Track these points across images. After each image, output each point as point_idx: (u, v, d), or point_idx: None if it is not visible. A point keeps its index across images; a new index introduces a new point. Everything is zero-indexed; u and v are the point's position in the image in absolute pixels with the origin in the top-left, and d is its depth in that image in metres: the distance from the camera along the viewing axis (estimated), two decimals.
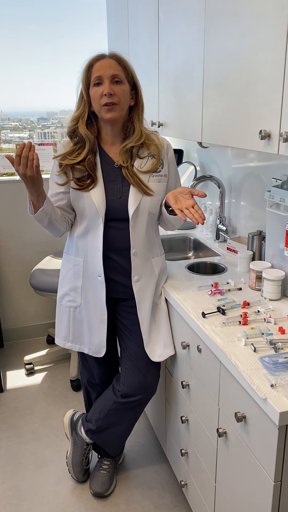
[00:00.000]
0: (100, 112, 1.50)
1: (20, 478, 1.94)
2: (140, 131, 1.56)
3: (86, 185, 1.54)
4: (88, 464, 1.93)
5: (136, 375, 1.65)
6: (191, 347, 1.51)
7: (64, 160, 1.54)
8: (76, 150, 1.55)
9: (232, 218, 2.18)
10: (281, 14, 1.14)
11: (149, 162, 1.57)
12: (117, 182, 1.57)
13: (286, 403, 1.01)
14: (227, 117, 1.50)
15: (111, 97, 1.46)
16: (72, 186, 1.56)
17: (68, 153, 1.55)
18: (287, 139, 1.14)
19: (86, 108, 1.52)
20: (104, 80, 1.47)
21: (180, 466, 1.77)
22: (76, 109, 1.56)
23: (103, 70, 1.47)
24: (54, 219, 1.55)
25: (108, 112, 1.48)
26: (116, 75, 1.48)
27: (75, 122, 1.55)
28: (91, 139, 1.54)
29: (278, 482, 1.07)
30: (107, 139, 1.58)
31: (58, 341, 1.79)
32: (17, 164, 1.37)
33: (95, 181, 1.54)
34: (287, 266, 1.56)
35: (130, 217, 1.54)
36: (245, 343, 1.27)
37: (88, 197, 1.54)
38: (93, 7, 2.94)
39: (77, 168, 1.54)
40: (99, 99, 1.47)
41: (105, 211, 1.55)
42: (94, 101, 1.49)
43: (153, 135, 1.60)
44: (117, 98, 1.47)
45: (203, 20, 1.59)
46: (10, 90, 3.01)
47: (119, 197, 1.56)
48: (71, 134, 1.57)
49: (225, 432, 1.30)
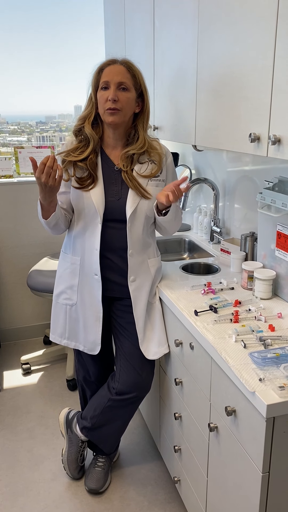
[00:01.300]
0: (103, 115, 1.55)
1: (16, 475, 1.97)
2: (144, 139, 1.60)
3: (86, 184, 1.58)
4: (83, 461, 1.96)
5: (131, 372, 1.68)
6: (184, 345, 1.55)
7: (68, 157, 1.59)
8: (80, 148, 1.60)
9: (226, 220, 2.22)
10: (270, 22, 1.18)
11: (149, 168, 1.62)
12: (117, 184, 1.61)
13: (273, 396, 1.05)
14: (219, 120, 1.55)
15: (115, 103, 1.51)
16: (73, 184, 1.60)
17: (71, 150, 1.60)
18: (275, 142, 1.18)
19: (93, 109, 1.58)
20: (110, 85, 1.52)
21: (173, 462, 1.80)
22: (84, 109, 1.62)
23: (111, 76, 1.52)
24: (60, 221, 1.61)
25: (110, 116, 1.53)
26: (123, 83, 1.52)
27: (81, 122, 1.60)
28: (96, 139, 1.59)
29: (266, 473, 1.11)
30: (109, 142, 1.63)
31: (54, 338, 1.82)
32: (40, 172, 1.40)
33: (96, 181, 1.59)
34: (278, 266, 1.60)
35: (128, 218, 1.58)
36: (236, 339, 1.31)
37: (88, 196, 1.58)
38: (91, 12, 2.99)
39: (79, 166, 1.59)
40: (103, 103, 1.53)
41: (103, 211, 1.59)
42: (99, 104, 1.55)
43: (155, 142, 1.66)
44: (120, 104, 1.52)
45: (197, 27, 1.63)
46: (9, 94, 3.05)
47: (118, 199, 1.60)
48: (76, 132, 1.62)
49: (216, 427, 1.33)
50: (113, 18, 2.68)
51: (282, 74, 1.17)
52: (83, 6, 3.01)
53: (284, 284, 1.57)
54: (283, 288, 1.58)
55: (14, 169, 2.97)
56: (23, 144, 3.20)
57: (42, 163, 1.39)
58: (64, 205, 1.66)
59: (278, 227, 1.55)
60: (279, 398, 1.04)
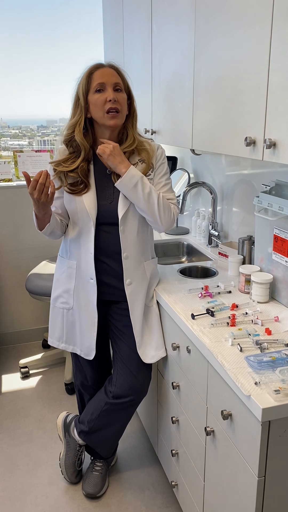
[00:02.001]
0: (103, 118, 1.53)
1: (13, 479, 1.96)
2: (133, 137, 1.61)
3: (79, 189, 1.59)
4: (81, 466, 1.95)
5: (127, 376, 1.68)
6: (181, 348, 1.55)
7: (58, 167, 1.59)
8: (71, 159, 1.59)
9: (224, 223, 2.22)
10: (265, 27, 1.19)
11: (140, 168, 1.61)
12: (109, 187, 1.61)
13: (269, 399, 1.05)
14: (216, 124, 1.55)
15: (116, 103, 1.51)
16: (65, 190, 1.60)
17: (63, 160, 1.59)
18: (270, 145, 1.19)
19: (82, 115, 1.55)
20: (107, 87, 1.51)
21: (171, 466, 1.79)
22: (72, 116, 1.59)
23: (106, 78, 1.51)
24: (56, 229, 1.62)
25: (112, 118, 1.52)
26: (118, 84, 1.53)
27: (71, 130, 1.58)
28: (87, 148, 1.58)
29: (262, 478, 1.10)
30: None
31: (52, 341, 1.82)
32: (32, 188, 1.42)
33: (88, 186, 1.59)
34: (275, 270, 1.60)
35: (120, 221, 1.59)
36: (232, 343, 1.30)
37: (80, 201, 1.59)
38: (90, 16, 3.01)
39: (70, 176, 1.59)
40: (102, 105, 1.51)
41: (96, 215, 1.59)
42: (96, 108, 1.52)
43: (145, 142, 1.65)
44: (119, 105, 1.52)
45: (193, 31, 1.64)
46: (10, 98, 3.07)
47: (109, 202, 1.60)
48: (67, 142, 1.61)
49: (213, 431, 1.33)
50: (112, 22, 2.70)
51: (277, 78, 1.17)
52: (82, 10, 3.03)
53: (281, 287, 1.57)
54: (280, 291, 1.58)
55: (13, 173, 2.98)
56: (24, 148, 3.21)
57: (34, 180, 1.41)
58: (59, 210, 1.66)
59: (275, 230, 1.55)
60: (275, 401, 1.04)
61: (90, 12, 2.99)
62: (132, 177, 1.53)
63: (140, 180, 1.54)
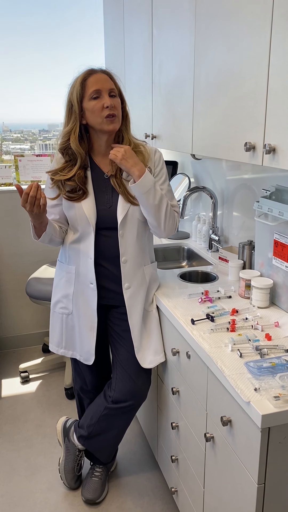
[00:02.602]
0: (102, 124, 1.53)
1: (12, 485, 1.95)
2: (129, 139, 1.61)
3: (77, 196, 1.59)
4: (80, 471, 1.94)
5: (127, 381, 1.67)
6: (181, 353, 1.54)
7: (55, 176, 1.59)
8: (68, 167, 1.59)
9: (225, 228, 2.22)
10: (264, 33, 1.19)
11: None
12: (107, 192, 1.61)
13: (269, 406, 1.04)
14: (216, 129, 1.55)
15: (112, 109, 1.51)
16: (64, 197, 1.60)
17: (59, 169, 1.60)
18: (270, 151, 1.18)
19: (77, 122, 1.55)
20: (103, 93, 1.51)
21: (170, 472, 1.78)
22: (66, 123, 1.58)
23: (101, 84, 1.51)
24: (54, 236, 1.62)
25: (110, 123, 1.53)
26: (113, 89, 1.53)
27: (66, 138, 1.57)
28: (83, 155, 1.58)
29: (262, 485, 1.09)
30: (100, 150, 1.63)
31: (52, 347, 1.82)
32: (24, 201, 1.43)
33: (86, 193, 1.59)
34: (275, 275, 1.59)
35: (119, 225, 1.59)
36: (232, 349, 1.30)
37: (79, 207, 1.59)
38: (91, 21, 3.02)
39: (68, 184, 1.59)
40: (100, 112, 1.51)
41: (95, 220, 1.59)
42: (93, 114, 1.52)
43: (140, 144, 1.65)
44: (116, 110, 1.53)
45: (193, 36, 1.65)
46: (12, 103, 3.07)
47: (109, 207, 1.60)
48: (62, 150, 1.60)
49: (213, 437, 1.32)
50: (113, 27, 2.71)
51: (276, 83, 1.17)
52: (83, 15, 3.04)
53: (281, 292, 1.57)
54: (280, 296, 1.57)
55: (14, 177, 2.98)
56: (26, 152, 3.21)
57: (25, 193, 1.42)
58: (57, 216, 1.67)
59: (275, 235, 1.55)
60: (274, 408, 1.03)
61: (91, 16, 3.01)
62: (147, 182, 1.53)
63: (153, 186, 1.55)
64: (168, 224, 1.62)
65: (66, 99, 1.57)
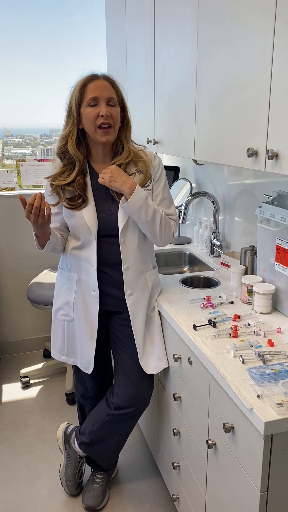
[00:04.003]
0: (95, 133, 1.52)
1: (13, 491, 1.94)
2: (129, 149, 1.60)
3: (77, 204, 1.58)
4: (81, 478, 1.93)
5: (129, 387, 1.66)
6: (183, 359, 1.53)
7: (55, 181, 1.58)
8: (67, 171, 1.58)
9: (226, 233, 2.22)
10: (267, 40, 1.20)
11: (137, 178, 1.60)
12: (108, 199, 1.61)
13: (272, 413, 1.03)
14: (218, 135, 1.55)
15: (108, 118, 1.50)
16: (64, 205, 1.60)
17: (58, 174, 1.59)
18: (272, 156, 1.18)
19: (75, 126, 1.54)
20: (100, 101, 1.50)
21: (172, 479, 1.77)
22: (64, 127, 1.58)
23: (100, 91, 1.50)
24: (57, 245, 1.62)
25: (104, 135, 1.52)
26: (112, 98, 1.52)
27: (64, 142, 1.57)
28: (81, 160, 1.57)
29: (265, 493, 1.09)
30: (98, 158, 1.62)
31: (54, 354, 1.82)
32: (29, 212, 1.43)
33: (86, 200, 1.58)
34: (277, 280, 1.59)
35: (120, 232, 1.58)
36: (234, 355, 1.29)
37: (80, 216, 1.58)
38: (93, 27, 3.04)
39: (68, 189, 1.58)
40: (94, 120, 1.50)
41: (97, 228, 1.59)
42: (88, 121, 1.51)
43: (141, 151, 1.64)
44: (112, 120, 1.51)
45: (196, 42, 1.65)
46: (14, 107, 3.08)
47: (110, 214, 1.60)
48: (60, 154, 1.60)
49: (215, 444, 1.31)
50: (115, 33, 2.72)
51: (279, 89, 1.17)
52: (85, 21, 3.05)
53: (283, 298, 1.56)
54: (283, 302, 1.57)
55: (16, 182, 2.98)
56: (27, 156, 3.22)
57: (29, 204, 1.41)
58: (58, 224, 1.66)
59: (278, 241, 1.55)
60: (277, 415, 1.02)
61: (93, 23, 3.02)
62: (138, 200, 1.52)
63: (145, 201, 1.54)
64: (164, 235, 1.63)
65: (67, 101, 1.57)
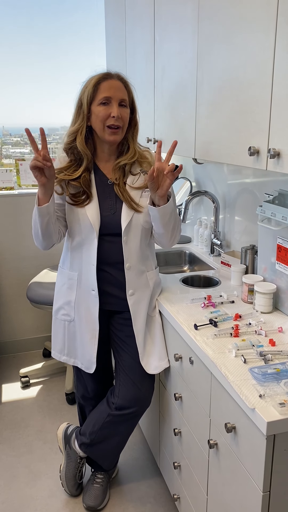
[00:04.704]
0: (103, 132, 1.52)
1: (13, 491, 1.93)
2: (134, 149, 1.59)
3: (81, 201, 1.57)
4: (82, 478, 1.92)
5: (131, 387, 1.66)
6: (184, 359, 1.53)
7: (60, 174, 1.56)
8: (73, 166, 1.57)
9: (227, 232, 2.21)
10: (268, 36, 1.19)
11: (141, 179, 1.60)
12: (111, 198, 1.60)
13: (274, 413, 1.03)
14: (219, 134, 1.55)
15: (118, 120, 1.50)
16: (67, 201, 1.59)
17: (64, 168, 1.58)
18: (274, 155, 1.18)
19: (84, 123, 1.53)
20: (112, 101, 1.49)
21: (173, 479, 1.77)
22: (73, 123, 1.56)
23: (113, 92, 1.49)
24: (52, 223, 1.53)
25: (111, 135, 1.52)
26: (124, 100, 1.52)
27: (73, 137, 1.56)
28: (89, 156, 1.56)
29: (267, 493, 1.08)
30: (103, 156, 1.62)
31: (54, 354, 1.81)
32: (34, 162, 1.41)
33: (90, 197, 1.58)
34: (278, 280, 1.58)
35: (123, 231, 1.57)
36: (236, 354, 1.29)
37: (83, 212, 1.57)
38: (92, 26, 3.03)
39: (72, 184, 1.57)
40: (104, 119, 1.50)
41: (99, 226, 1.58)
42: (97, 120, 1.51)
43: (146, 152, 1.64)
44: (122, 121, 1.51)
45: (196, 41, 1.64)
46: (12, 106, 3.07)
47: (113, 213, 1.59)
48: (67, 150, 1.59)
49: (216, 444, 1.31)
50: (114, 32, 2.71)
51: (281, 88, 1.17)
52: (84, 20, 3.05)
53: (284, 297, 1.56)
54: (284, 301, 1.56)
55: (15, 181, 2.98)
56: (25, 156, 3.21)
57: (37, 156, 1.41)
58: (59, 216, 1.62)
59: (279, 240, 1.54)
60: (280, 415, 1.02)
61: (93, 22, 3.01)
62: (171, 202, 1.53)
63: (175, 204, 1.58)
64: (176, 237, 1.66)
65: (77, 96, 1.55)
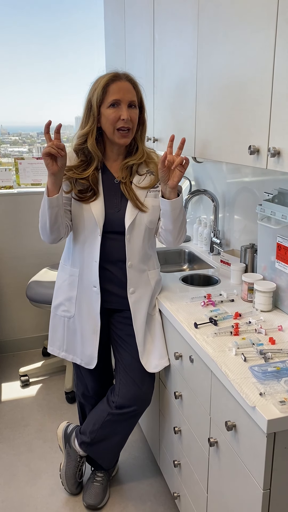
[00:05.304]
0: (113, 134, 1.53)
1: (13, 490, 1.94)
2: (143, 150, 1.61)
3: (87, 197, 1.58)
4: (82, 477, 1.92)
5: (131, 386, 1.66)
6: (184, 358, 1.53)
7: (69, 172, 1.56)
8: (83, 166, 1.58)
9: (226, 231, 2.22)
10: (269, 35, 1.19)
11: (147, 179, 1.62)
12: (116, 196, 1.61)
13: (274, 411, 1.03)
14: (219, 133, 1.55)
15: (128, 122, 1.50)
16: (73, 196, 1.60)
17: (74, 166, 1.58)
18: (274, 154, 1.18)
19: (95, 124, 1.54)
20: (122, 104, 1.50)
21: (173, 477, 1.77)
22: (84, 125, 1.56)
23: (122, 94, 1.49)
24: (61, 215, 1.53)
25: (122, 137, 1.53)
26: (133, 101, 1.52)
27: (83, 139, 1.56)
28: (100, 157, 1.58)
29: (267, 490, 1.08)
30: (111, 156, 1.63)
31: (52, 350, 1.80)
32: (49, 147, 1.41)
33: (96, 194, 1.59)
34: (278, 278, 1.59)
35: (126, 230, 1.58)
36: (236, 353, 1.29)
37: (88, 209, 1.58)
38: (91, 25, 3.03)
39: (80, 182, 1.58)
40: (114, 122, 1.50)
41: (103, 223, 1.58)
42: (107, 122, 1.51)
43: (152, 153, 1.66)
44: (131, 123, 1.52)
45: (196, 40, 1.64)
46: (10, 105, 3.07)
47: (117, 211, 1.60)
48: (78, 151, 1.59)
49: (216, 442, 1.31)
50: (114, 31, 2.71)
51: (281, 86, 1.17)
52: (83, 19, 3.04)
53: (284, 296, 1.56)
54: (284, 300, 1.57)
55: (14, 180, 2.97)
56: (24, 155, 3.21)
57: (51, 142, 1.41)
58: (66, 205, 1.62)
59: (278, 239, 1.54)
60: (280, 413, 1.02)
61: (92, 21, 3.01)
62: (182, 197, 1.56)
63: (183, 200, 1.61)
64: (183, 235, 1.68)
65: (86, 98, 1.55)
